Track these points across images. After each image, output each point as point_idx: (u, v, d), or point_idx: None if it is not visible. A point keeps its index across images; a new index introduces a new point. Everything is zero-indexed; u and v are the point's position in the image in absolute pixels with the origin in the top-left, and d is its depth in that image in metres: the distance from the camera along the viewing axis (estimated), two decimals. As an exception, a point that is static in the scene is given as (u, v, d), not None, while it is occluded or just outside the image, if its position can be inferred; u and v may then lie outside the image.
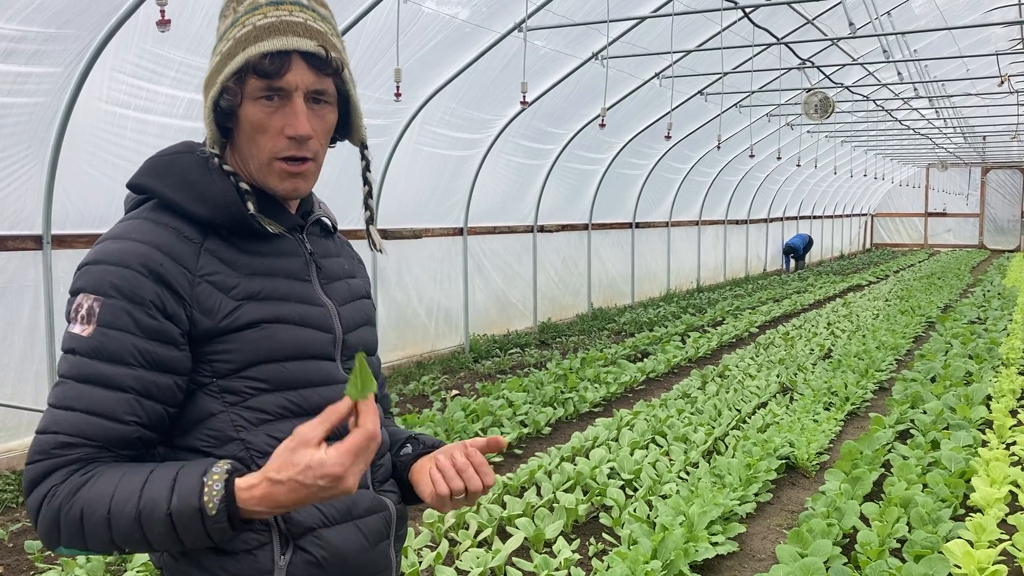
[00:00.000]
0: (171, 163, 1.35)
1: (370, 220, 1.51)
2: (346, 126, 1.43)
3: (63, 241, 5.75)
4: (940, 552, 3.99)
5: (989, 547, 4.16)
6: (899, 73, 13.11)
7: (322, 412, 1.18)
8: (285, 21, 1.28)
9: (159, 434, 1.29)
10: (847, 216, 29.99)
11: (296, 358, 1.34)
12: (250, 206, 1.33)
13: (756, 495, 5.15)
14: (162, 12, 4.56)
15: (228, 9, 1.34)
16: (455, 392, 8.07)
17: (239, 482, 1.20)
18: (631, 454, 5.75)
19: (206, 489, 1.18)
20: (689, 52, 10.51)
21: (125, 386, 1.23)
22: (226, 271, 1.31)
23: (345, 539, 1.35)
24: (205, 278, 1.29)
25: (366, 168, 1.48)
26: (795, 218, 23.93)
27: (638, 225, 14.53)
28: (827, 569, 3.84)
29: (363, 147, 1.47)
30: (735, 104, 13.70)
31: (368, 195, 1.48)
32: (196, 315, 1.28)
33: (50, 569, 4.06)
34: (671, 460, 5.76)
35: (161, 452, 1.32)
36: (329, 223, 1.54)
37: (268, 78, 1.28)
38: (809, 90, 12.01)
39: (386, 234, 8.83)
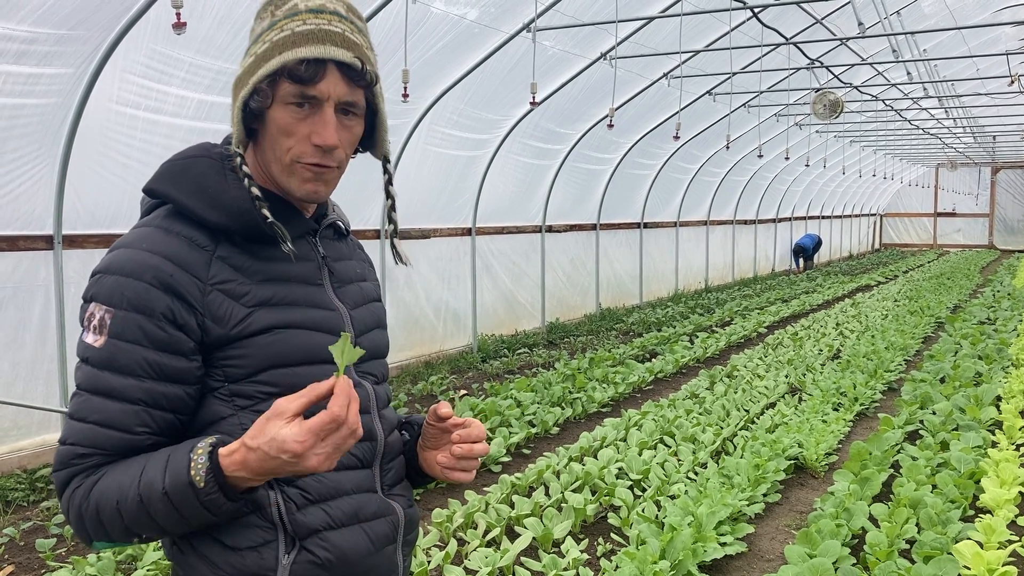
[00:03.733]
0: (187, 168, 1.36)
1: (394, 233, 1.50)
2: (371, 138, 1.43)
3: (74, 241, 5.79)
4: (949, 553, 3.98)
5: (999, 548, 4.15)
6: (908, 73, 13.08)
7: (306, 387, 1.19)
8: (324, 30, 1.28)
9: (172, 439, 1.30)
10: (856, 216, 29.90)
11: (307, 363, 1.35)
12: (265, 212, 1.32)
13: (765, 495, 5.15)
14: (178, 15, 4.60)
15: (265, 12, 1.33)
16: (463, 392, 8.08)
17: (222, 451, 1.22)
18: (639, 454, 5.75)
19: (192, 463, 1.21)
20: (697, 52, 10.49)
21: (134, 398, 1.25)
22: (238, 278, 1.32)
23: (350, 542, 1.36)
24: (216, 286, 1.30)
25: (388, 182, 1.47)
26: (804, 218, 23.87)
27: (646, 225, 14.51)
28: (836, 570, 3.84)
29: (386, 160, 1.46)
30: (743, 104, 13.67)
31: (392, 208, 1.47)
32: (207, 323, 1.29)
33: (61, 567, 4.08)
34: (679, 460, 5.76)
35: None
36: (343, 226, 1.54)
37: (302, 84, 1.28)
38: (818, 90, 11.98)
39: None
